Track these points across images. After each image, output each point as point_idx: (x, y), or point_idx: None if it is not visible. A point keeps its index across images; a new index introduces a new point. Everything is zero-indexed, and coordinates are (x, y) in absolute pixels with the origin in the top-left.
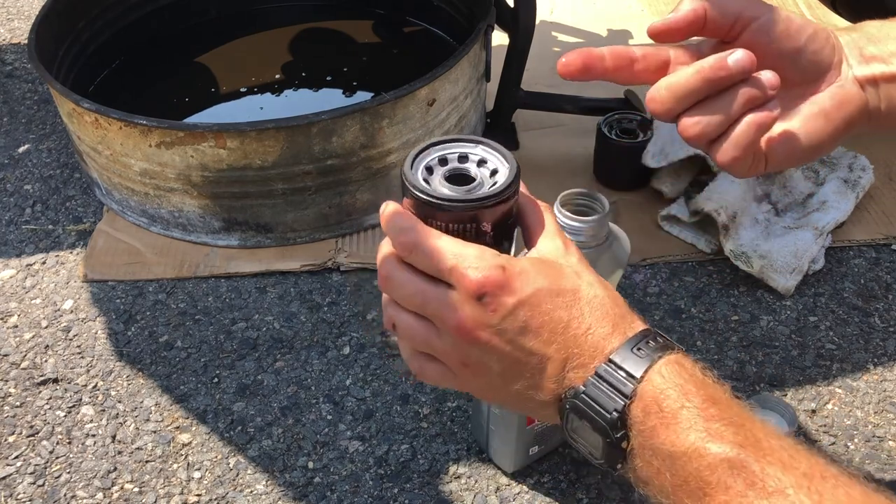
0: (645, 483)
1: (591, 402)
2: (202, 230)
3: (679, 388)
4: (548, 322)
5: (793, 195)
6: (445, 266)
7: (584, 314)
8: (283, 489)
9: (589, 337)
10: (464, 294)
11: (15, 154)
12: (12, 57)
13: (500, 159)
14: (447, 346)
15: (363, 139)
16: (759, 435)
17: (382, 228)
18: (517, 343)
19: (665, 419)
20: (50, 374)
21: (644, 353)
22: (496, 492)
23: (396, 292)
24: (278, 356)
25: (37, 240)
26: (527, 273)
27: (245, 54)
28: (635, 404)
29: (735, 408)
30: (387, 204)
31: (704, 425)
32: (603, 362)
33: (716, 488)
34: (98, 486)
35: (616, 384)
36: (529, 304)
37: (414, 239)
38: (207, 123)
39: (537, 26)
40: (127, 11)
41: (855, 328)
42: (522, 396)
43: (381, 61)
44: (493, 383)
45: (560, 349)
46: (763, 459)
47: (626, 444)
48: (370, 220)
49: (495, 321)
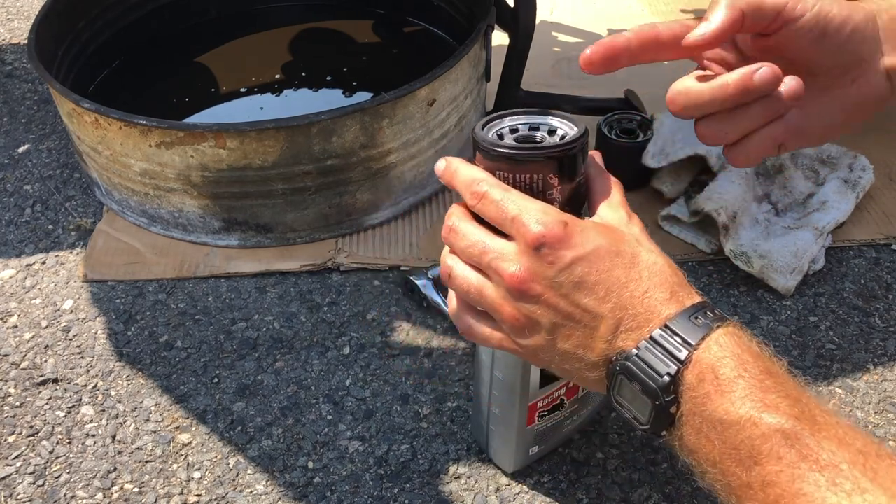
0: (690, 451)
1: (643, 365)
2: (202, 230)
3: (736, 357)
4: (605, 280)
5: (793, 195)
6: (509, 215)
7: (642, 277)
8: (283, 489)
9: (646, 300)
10: (522, 245)
11: (15, 154)
12: (12, 57)
13: (570, 125)
14: (499, 298)
15: (363, 139)
16: (814, 410)
17: (449, 182)
18: (571, 298)
19: (720, 387)
20: (50, 374)
21: (701, 322)
22: (496, 492)
23: (458, 242)
24: (278, 356)
25: (37, 240)
26: (587, 231)
27: (245, 54)
28: (689, 371)
29: (791, 382)
30: (448, 160)
31: (760, 396)
32: (658, 327)
33: (768, 458)
34: (98, 487)
35: (671, 349)
36: (588, 259)
37: (485, 188)
38: (207, 123)
39: (537, 26)
40: (127, 11)
41: (855, 328)
42: (570, 356)
43: (381, 61)
44: (541, 341)
45: (615, 309)
46: (818, 434)
47: (674, 408)
48: (370, 220)
49: (551, 274)
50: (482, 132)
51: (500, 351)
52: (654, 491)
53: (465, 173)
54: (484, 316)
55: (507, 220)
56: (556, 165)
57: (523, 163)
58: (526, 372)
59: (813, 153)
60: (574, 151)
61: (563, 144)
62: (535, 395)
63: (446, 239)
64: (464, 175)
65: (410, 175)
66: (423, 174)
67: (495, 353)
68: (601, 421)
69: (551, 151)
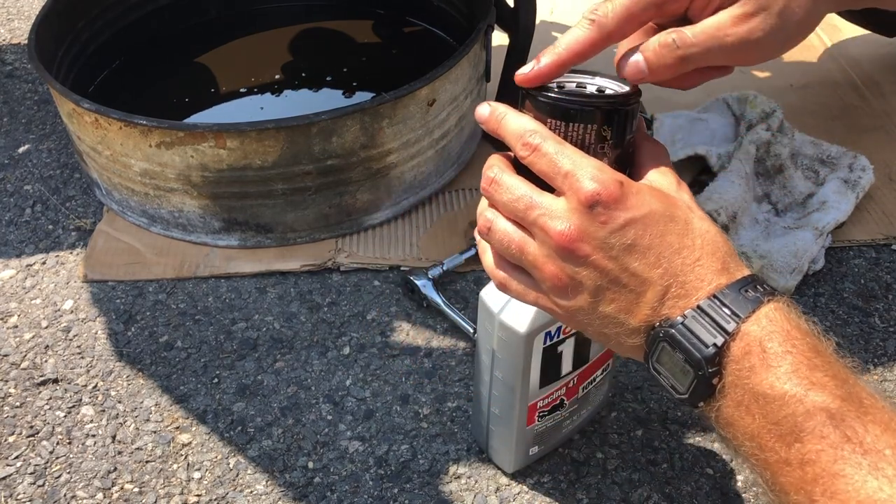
0: (727, 423)
1: (689, 334)
2: (202, 230)
3: (785, 333)
4: (657, 245)
5: (793, 195)
6: (562, 170)
7: (695, 245)
8: (283, 489)
9: (697, 268)
10: (574, 202)
11: (15, 154)
12: (12, 57)
13: (619, 84)
14: (542, 256)
15: (363, 139)
16: (861, 393)
17: (493, 130)
18: (620, 261)
19: (766, 361)
20: (50, 374)
21: (752, 295)
22: (496, 492)
23: (501, 196)
24: (278, 356)
25: (37, 240)
26: (643, 193)
27: (245, 54)
28: (736, 343)
29: (839, 363)
30: (493, 105)
31: (807, 373)
32: (707, 297)
33: (810, 435)
34: (98, 487)
35: (719, 320)
36: (642, 222)
37: (538, 140)
38: (207, 123)
39: (537, 26)
40: (127, 11)
41: (855, 328)
42: (610, 320)
43: (381, 61)
44: (582, 303)
45: (664, 275)
46: (864, 416)
47: (716, 380)
48: (370, 220)
49: (602, 234)
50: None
51: (501, 351)
52: (654, 491)
53: (516, 122)
54: (522, 270)
55: (559, 175)
56: (612, 119)
57: (579, 114)
58: (526, 372)
59: (813, 153)
60: (631, 106)
61: (621, 96)
62: (535, 395)
63: (486, 191)
64: (514, 124)
65: (410, 175)
66: (424, 174)
67: (495, 353)
68: (601, 421)
69: (610, 104)
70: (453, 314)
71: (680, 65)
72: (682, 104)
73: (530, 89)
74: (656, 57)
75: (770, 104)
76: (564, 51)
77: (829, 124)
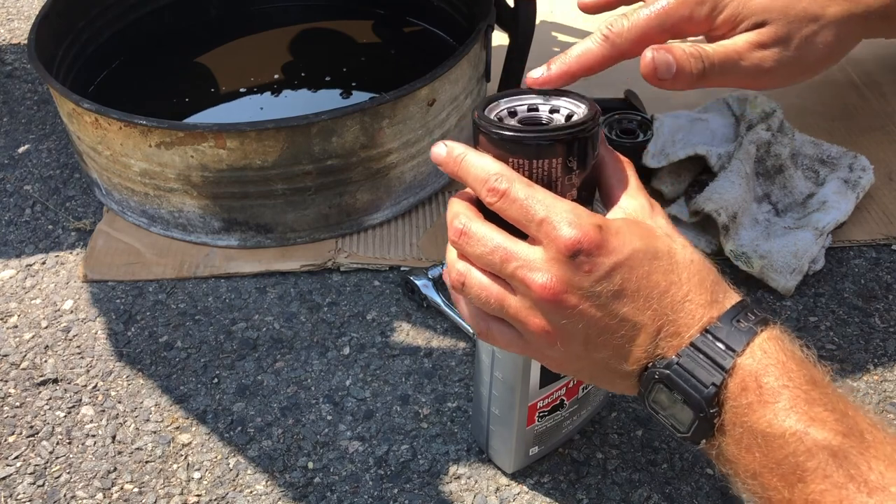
0: (729, 462)
1: (686, 375)
2: (202, 230)
3: (781, 365)
4: (644, 286)
5: (793, 195)
6: (535, 217)
7: (682, 280)
8: (283, 489)
9: (686, 304)
10: (553, 251)
11: (15, 154)
12: (12, 57)
13: (574, 103)
14: (524, 309)
15: (363, 139)
16: (862, 426)
17: (453, 173)
18: (609, 309)
19: (763, 397)
20: (50, 374)
21: (744, 325)
22: (496, 492)
23: (473, 248)
24: (278, 356)
25: (37, 240)
26: (622, 233)
27: (245, 54)
28: (732, 379)
29: (836, 393)
30: (449, 145)
31: (805, 408)
32: (700, 333)
33: (813, 475)
34: (98, 487)
35: (714, 357)
36: (627, 265)
37: (505, 185)
38: (207, 123)
39: (537, 26)
40: (127, 11)
41: (855, 328)
42: (604, 366)
43: (381, 61)
44: (573, 352)
45: (655, 316)
46: (867, 452)
47: (717, 419)
48: (370, 221)
49: (588, 283)
50: (484, 115)
51: (501, 351)
52: (654, 491)
53: (478, 165)
54: (504, 322)
55: (532, 223)
56: (576, 149)
57: (543, 150)
58: (526, 372)
59: (813, 153)
60: (595, 130)
61: (583, 123)
62: (535, 396)
63: (456, 244)
64: (476, 167)
65: (410, 175)
66: (424, 174)
67: (495, 353)
68: (601, 421)
69: (572, 134)
70: (453, 314)
71: (699, 79)
72: (682, 104)
73: (488, 123)
74: (686, 64)
75: (770, 104)
76: (575, 62)
77: (829, 124)
